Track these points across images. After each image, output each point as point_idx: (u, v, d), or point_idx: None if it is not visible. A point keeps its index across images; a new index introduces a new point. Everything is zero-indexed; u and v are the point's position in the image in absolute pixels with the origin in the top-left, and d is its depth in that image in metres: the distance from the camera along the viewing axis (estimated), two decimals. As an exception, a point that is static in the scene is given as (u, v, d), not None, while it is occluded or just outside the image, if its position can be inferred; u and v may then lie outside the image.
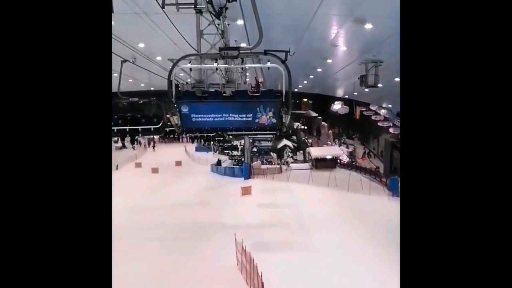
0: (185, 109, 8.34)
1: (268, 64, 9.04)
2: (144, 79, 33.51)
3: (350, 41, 17.62)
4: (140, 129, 13.29)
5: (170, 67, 9.63)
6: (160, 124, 13.27)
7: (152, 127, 13.21)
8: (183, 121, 8.44)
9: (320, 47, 19.91)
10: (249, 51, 9.37)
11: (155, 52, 20.84)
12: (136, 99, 14.90)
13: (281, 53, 8.58)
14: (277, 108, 8.22)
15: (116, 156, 41.94)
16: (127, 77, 31.21)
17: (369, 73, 18.44)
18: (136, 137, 14.33)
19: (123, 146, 46.21)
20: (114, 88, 16.21)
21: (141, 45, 20.69)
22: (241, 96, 8.53)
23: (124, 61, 12.98)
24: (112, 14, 16.51)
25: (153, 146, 50.15)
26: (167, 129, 15.05)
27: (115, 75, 15.93)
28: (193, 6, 4.57)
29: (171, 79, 8.82)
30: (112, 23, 14.39)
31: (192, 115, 8.36)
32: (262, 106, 8.25)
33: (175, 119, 8.44)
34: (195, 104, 8.39)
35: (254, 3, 8.39)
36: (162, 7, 4.45)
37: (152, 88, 37.71)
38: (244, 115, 8.35)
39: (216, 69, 13.52)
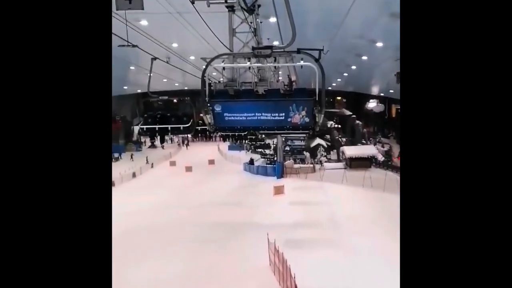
0: (218, 108, 8.35)
1: (302, 62, 9.01)
2: (178, 78, 33.94)
3: (386, 37, 17.09)
4: (169, 128, 13.21)
5: (204, 67, 9.62)
6: (190, 123, 13.17)
7: (182, 126, 13.12)
8: (216, 120, 8.45)
9: (354, 44, 19.48)
10: (282, 50, 9.25)
11: (189, 52, 21.00)
12: (166, 97, 14.82)
13: (314, 52, 8.46)
14: (310, 107, 8.10)
15: (152, 154, 42.87)
16: (162, 77, 31.72)
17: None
18: (166, 136, 14.36)
19: (152, 145, 46.93)
20: (145, 87, 16.24)
21: (175, 44, 20.90)
22: (273, 94, 8.43)
23: (154, 58, 13.24)
24: (146, 14, 16.70)
25: (187, 145, 50.79)
26: (198, 128, 15.02)
27: (146, 73, 16.03)
28: (224, 1, 4.46)
29: (204, 78, 8.81)
30: (146, 23, 14.61)
31: (225, 114, 8.36)
32: (295, 105, 8.15)
33: (208, 118, 8.45)
34: (228, 103, 8.39)
35: (287, 0, 8.21)
36: (193, 3, 4.37)
37: (186, 88, 38.14)
38: (277, 114, 8.26)
39: (249, 68, 13.41)
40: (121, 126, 45.39)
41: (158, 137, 14.81)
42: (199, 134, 18.72)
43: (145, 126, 13.34)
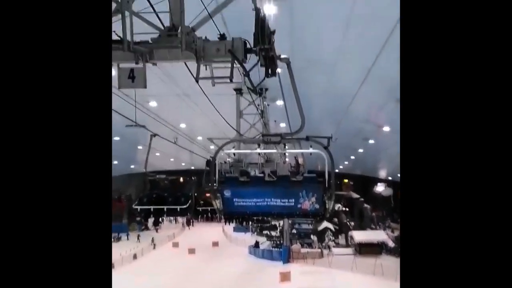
0: (227, 194, 8.45)
1: (310, 149, 9.29)
2: (185, 158, 34.12)
3: (393, 121, 17.16)
4: (165, 209, 12.51)
5: (214, 152, 9.59)
6: (188, 204, 12.57)
7: (179, 207, 12.46)
8: (225, 206, 8.49)
9: (361, 128, 19.59)
10: (291, 137, 9.38)
11: (196, 132, 21.24)
12: (163, 176, 14.37)
13: (323, 139, 8.66)
14: (320, 194, 8.24)
15: (154, 234, 41.71)
16: (169, 156, 31.96)
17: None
18: (170, 216, 13.39)
19: (146, 228, 44.76)
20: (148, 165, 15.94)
21: (183, 125, 21.22)
22: (283, 181, 8.58)
23: (154, 135, 12.75)
24: (155, 95, 16.98)
25: (188, 224, 49.58)
26: (200, 209, 14.45)
27: (139, 147, 15.85)
28: (229, 81, 4.34)
29: (214, 163, 8.91)
30: (155, 104, 14.71)
31: (234, 199, 8.44)
32: (305, 191, 8.26)
33: (217, 203, 8.50)
34: (237, 188, 8.50)
35: (295, 86, 8.43)
36: (197, 81, 4.27)
37: (192, 167, 38.21)
38: (286, 200, 8.35)
39: (259, 153, 13.40)
40: (125, 205, 44.77)
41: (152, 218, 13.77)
42: (200, 216, 17.48)
43: (139, 207, 12.64)
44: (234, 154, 13.97)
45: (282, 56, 9.45)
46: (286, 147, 12.12)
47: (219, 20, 6.78)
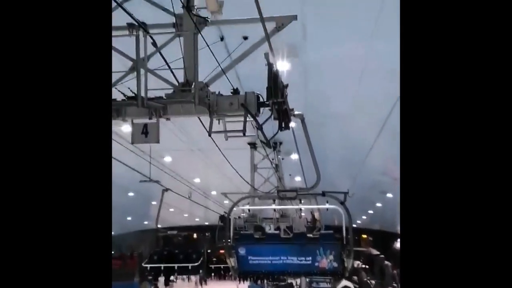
0: (242, 251, 8.24)
1: (327, 205, 9.30)
2: (199, 213, 33.76)
3: (410, 174, 16.85)
4: (176, 268, 11.88)
5: (229, 209, 9.46)
6: (200, 262, 12.01)
7: (190, 265, 11.87)
8: (240, 264, 8.29)
9: (379, 181, 19.23)
10: (307, 193, 9.42)
11: (210, 187, 21.12)
12: (175, 232, 13.86)
13: (339, 194, 8.62)
14: (338, 251, 7.97)
15: (167, 293, 40.32)
16: (182, 212, 31.66)
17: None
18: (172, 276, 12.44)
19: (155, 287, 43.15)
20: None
21: (197, 180, 21.16)
22: (299, 238, 8.36)
23: (166, 190, 12.43)
24: (170, 150, 17.02)
25: (201, 283, 47.97)
26: (212, 266, 13.87)
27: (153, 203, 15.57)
28: (242, 135, 4.29)
29: (229, 219, 8.94)
30: (169, 159, 14.68)
31: (249, 257, 8.23)
32: (322, 249, 8.01)
33: (231, 261, 8.33)
34: (252, 246, 8.33)
35: (309, 141, 8.54)
36: (209, 135, 4.24)
37: (206, 223, 37.68)
38: (303, 258, 8.09)
39: (274, 210, 13.16)
40: (137, 263, 43.87)
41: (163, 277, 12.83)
42: (213, 274, 16.32)
43: (149, 265, 12.08)
44: (248, 210, 13.74)
45: (296, 112, 9.66)
46: (302, 202, 11.89)
47: (233, 75, 6.89)
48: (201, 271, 12.27)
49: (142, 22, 4.13)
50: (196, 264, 11.57)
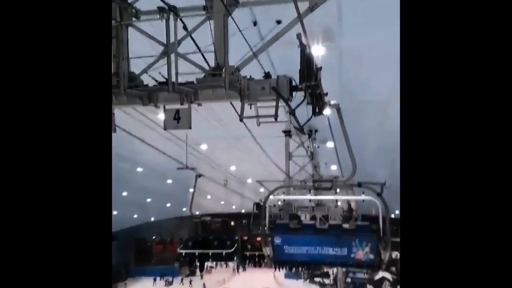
0: (278, 241, 8.27)
1: (363, 196, 9.08)
2: (235, 201, 34.06)
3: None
4: (210, 254, 11.88)
5: (264, 199, 9.43)
6: (234, 249, 11.96)
7: (224, 251, 11.82)
8: (275, 253, 8.32)
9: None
10: (342, 183, 9.41)
11: (246, 175, 21.20)
12: (208, 218, 13.87)
13: (376, 185, 8.53)
14: (374, 243, 7.84)
15: (204, 279, 41.24)
16: (219, 199, 32.04)
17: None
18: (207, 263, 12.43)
19: (191, 273, 43.79)
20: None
21: (233, 167, 21.28)
22: (335, 229, 8.34)
23: (199, 175, 12.46)
24: (206, 138, 17.14)
25: (240, 269, 48.62)
26: (247, 254, 13.88)
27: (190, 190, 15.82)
28: (273, 120, 4.19)
29: (264, 209, 8.94)
30: (206, 147, 14.74)
31: (284, 247, 8.25)
32: (358, 241, 7.88)
33: (267, 250, 8.40)
34: (288, 235, 8.34)
35: (345, 132, 8.40)
36: (241, 120, 4.17)
37: (243, 210, 37.99)
38: (339, 249, 8.00)
39: (309, 201, 13.05)
40: (177, 248, 44.85)
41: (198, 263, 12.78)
42: (248, 260, 16.02)
43: (183, 251, 12.13)
44: (284, 200, 13.70)
45: (332, 102, 9.50)
46: (338, 192, 11.72)
47: (266, 61, 6.78)
48: (235, 257, 12.30)
49: (173, 6, 4.08)
50: (230, 250, 11.58)
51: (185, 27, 4.41)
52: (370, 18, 8.13)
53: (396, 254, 39.15)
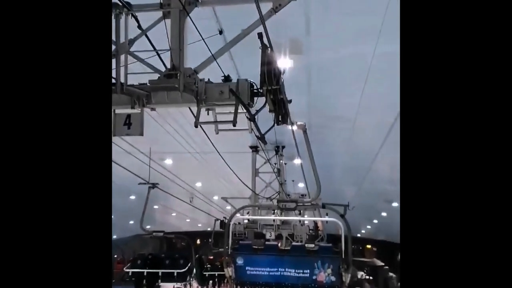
0: (240, 261, 8.25)
1: (326, 218, 9.27)
2: (201, 219, 33.40)
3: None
4: (160, 274, 10.90)
5: (228, 218, 9.18)
6: (187, 268, 11.11)
7: (176, 271, 10.92)
8: (237, 274, 8.27)
9: (384, 189, 18.75)
10: (307, 204, 9.54)
11: (213, 191, 20.75)
12: (161, 233, 12.95)
13: (340, 207, 8.65)
14: (336, 265, 7.89)
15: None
16: (185, 217, 31.28)
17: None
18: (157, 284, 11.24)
19: None
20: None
21: (198, 184, 20.79)
22: (298, 250, 8.41)
23: (152, 187, 11.42)
24: (170, 153, 16.66)
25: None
26: (206, 274, 13.18)
27: (155, 207, 15.09)
28: (232, 126, 3.88)
29: (229, 227, 8.76)
30: (170, 162, 14.15)
31: (247, 268, 8.23)
32: (320, 262, 7.97)
33: (229, 271, 8.31)
34: (251, 256, 8.33)
35: (311, 153, 8.58)
36: (196, 126, 3.85)
37: (209, 228, 37.27)
38: (301, 271, 8.08)
39: (274, 220, 12.95)
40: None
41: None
42: (207, 282, 14.57)
43: (130, 270, 11.16)
44: (248, 219, 13.44)
45: (299, 123, 9.49)
46: (303, 212, 11.63)
47: (227, 64, 6.51)
48: (188, 278, 11.45)
49: (127, 2, 3.76)
50: (182, 270, 10.81)
51: (139, 26, 4.08)
52: (338, 32, 8.05)
53: (361, 274, 39.33)
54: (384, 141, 13.07)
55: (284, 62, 7.93)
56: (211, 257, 20.23)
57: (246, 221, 13.84)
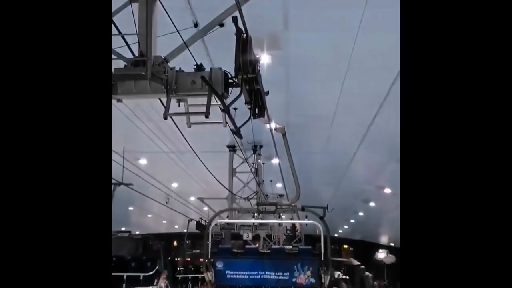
0: (220, 265, 8.21)
1: (306, 220, 9.24)
2: (178, 220, 32.88)
3: (394, 183, 16.33)
4: (124, 277, 10.32)
5: (207, 223, 8.99)
6: (153, 272, 10.61)
7: (142, 274, 10.36)
8: (217, 278, 8.19)
9: (361, 189, 18.77)
10: (286, 207, 9.55)
11: (189, 192, 20.36)
12: (126, 234, 12.39)
13: (319, 209, 8.70)
14: (316, 267, 7.97)
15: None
16: (161, 218, 30.70)
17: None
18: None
19: None
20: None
21: (175, 184, 20.35)
22: (278, 253, 8.49)
23: (118, 184, 10.84)
24: (145, 153, 16.23)
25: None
26: (179, 277, 12.81)
27: (130, 208, 14.67)
28: (204, 117, 3.60)
29: (208, 233, 8.63)
30: (145, 162, 13.74)
31: (226, 272, 8.20)
32: (300, 265, 8.03)
33: (209, 275, 8.21)
34: (230, 260, 8.30)
35: (290, 156, 8.28)
36: (165, 118, 3.55)
37: (185, 230, 36.77)
38: (281, 273, 8.12)
39: (253, 216, 12.73)
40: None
41: None
42: (181, 285, 14.07)
43: None
44: (227, 223, 13.20)
45: (278, 126, 9.29)
46: (282, 215, 11.58)
47: (201, 52, 6.21)
48: (156, 281, 10.93)
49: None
50: (148, 274, 10.31)
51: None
52: (318, 28, 7.87)
53: (338, 274, 39.54)
54: (361, 141, 13.04)
55: (261, 58, 7.74)
56: (188, 259, 19.82)
57: (221, 221, 13.57)
